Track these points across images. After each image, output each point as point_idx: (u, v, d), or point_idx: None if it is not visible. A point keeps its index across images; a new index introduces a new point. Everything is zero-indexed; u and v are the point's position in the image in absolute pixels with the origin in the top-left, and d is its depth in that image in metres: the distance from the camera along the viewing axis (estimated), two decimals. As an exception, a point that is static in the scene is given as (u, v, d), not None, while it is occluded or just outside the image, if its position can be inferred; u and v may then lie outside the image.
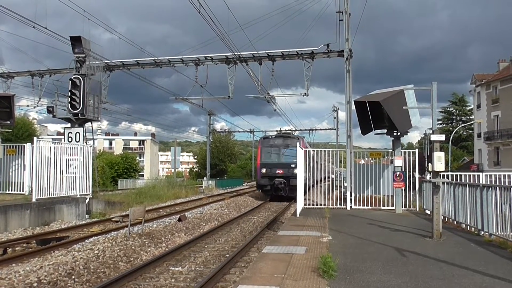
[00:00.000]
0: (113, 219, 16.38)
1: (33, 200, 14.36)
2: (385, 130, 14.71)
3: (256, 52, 21.53)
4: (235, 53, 20.41)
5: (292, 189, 23.64)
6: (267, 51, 21.61)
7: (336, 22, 18.52)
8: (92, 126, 22.21)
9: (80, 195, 16.70)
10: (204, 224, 15.86)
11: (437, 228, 9.35)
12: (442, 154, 9.49)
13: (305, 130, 53.16)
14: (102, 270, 8.50)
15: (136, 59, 23.38)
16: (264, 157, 26.59)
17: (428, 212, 13.66)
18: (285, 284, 5.78)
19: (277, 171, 25.65)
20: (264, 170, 25.98)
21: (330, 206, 15.85)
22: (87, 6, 18.87)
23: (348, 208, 15.64)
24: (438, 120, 71.80)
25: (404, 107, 12.80)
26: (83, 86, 19.43)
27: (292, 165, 23.31)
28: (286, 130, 25.15)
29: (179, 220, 15.18)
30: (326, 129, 58.63)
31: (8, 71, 25.57)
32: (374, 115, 14.00)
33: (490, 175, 13.67)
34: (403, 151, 15.32)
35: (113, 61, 23.12)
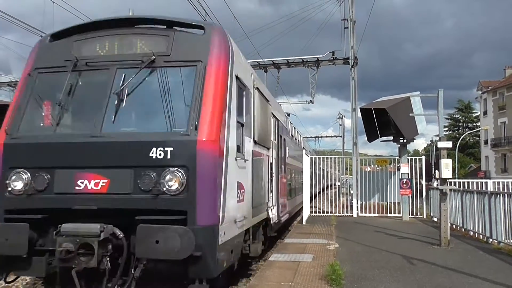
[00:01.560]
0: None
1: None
2: (391, 137, 14.72)
3: (261, 59, 21.58)
4: (241, 61, 20.46)
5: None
6: (272, 59, 21.65)
7: (341, 30, 18.60)
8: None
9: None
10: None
11: (445, 235, 9.30)
12: (449, 161, 9.46)
13: (311, 137, 53.07)
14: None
15: (142, 67, 23.53)
16: (25, 115, 5.49)
17: (435, 219, 13.57)
18: (292, 292, 5.75)
19: (79, 180, 4.87)
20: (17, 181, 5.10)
21: (337, 214, 15.83)
22: (93, 15, 19.08)
23: (355, 215, 15.59)
24: (445, 127, 70.99)
25: (410, 114, 12.81)
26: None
27: (161, 151, 4.82)
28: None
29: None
30: (331, 136, 58.56)
31: (16, 80, 25.83)
32: (380, 122, 14.02)
33: (498, 182, 13.59)
34: (409, 158, 15.28)
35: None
